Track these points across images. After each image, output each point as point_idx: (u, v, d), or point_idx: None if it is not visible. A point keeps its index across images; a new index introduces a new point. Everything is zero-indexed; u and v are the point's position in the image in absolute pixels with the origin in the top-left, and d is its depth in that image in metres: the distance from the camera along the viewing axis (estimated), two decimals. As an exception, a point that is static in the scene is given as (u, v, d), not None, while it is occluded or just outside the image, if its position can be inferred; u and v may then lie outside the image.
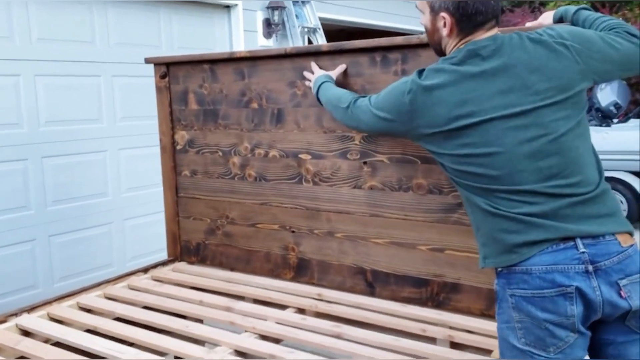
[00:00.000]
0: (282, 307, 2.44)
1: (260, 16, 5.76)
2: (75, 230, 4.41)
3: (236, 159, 2.78)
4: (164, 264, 2.95)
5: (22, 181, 4.06)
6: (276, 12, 5.72)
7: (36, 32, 4.08)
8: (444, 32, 1.69)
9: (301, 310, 2.41)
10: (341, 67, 2.37)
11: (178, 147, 2.94)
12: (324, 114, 2.49)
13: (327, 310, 2.36)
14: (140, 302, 2.49)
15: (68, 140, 4.30)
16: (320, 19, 6.28)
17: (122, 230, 4.77)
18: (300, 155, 2.59)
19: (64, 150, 4.28)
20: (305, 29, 6.02)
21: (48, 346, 2.06)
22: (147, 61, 2.92)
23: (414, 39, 2.20)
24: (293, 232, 2.67)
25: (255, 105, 2.68)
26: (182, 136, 2.93)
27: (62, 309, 2.39)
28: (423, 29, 1.82)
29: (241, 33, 5.56)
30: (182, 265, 2.96)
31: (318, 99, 2.27)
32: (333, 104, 2.12)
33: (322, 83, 2.25)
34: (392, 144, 2.35)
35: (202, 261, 2.97)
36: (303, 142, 2.57)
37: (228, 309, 2.40)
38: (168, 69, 2.91)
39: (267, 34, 5.81)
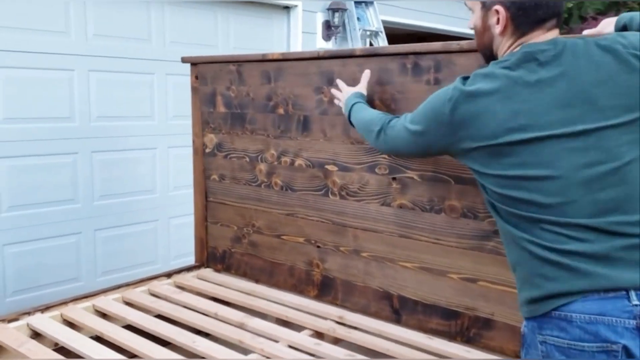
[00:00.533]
0: (299, 328, 2.28)
1: (320, 18, 5.64)
2: (121, 225, 4.44)
3: (263, 166, 2.64)
4: (189, 269, 2.87)
5: (71, 175, 4.11)
6: (337, 14, 5.57)
7: (92, 28, 4.13)
8: (497, 29, 1.46)
9: (318, 334, 2.23)
10: (366, 75, 2.15)
11: (207, 151, 2.85)
12: None
13: (346, 337, 2.18)
14: (155, 310, 2.40)
15: (118, 136, 4.33)
16: (385, 22, 6.07)
17: (167, 229, 4.76)
18: (326, 166, 2.42)
19: (114, 146, 4.31)
20: (367, 32, 5.83)
21: (49, 351, 2.00)
22: (184, 60, 2.84)
23: (453, 45, 1.98)
24: (318, 247, 2.50)
25: (281, 110, 2.54)
26: (210, 139, 2.82)
27: (76, 311, 2.34)
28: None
29: (299, 35, 5.45)
30: (206, 272, 2.86)
31: (350, 123, 2.03)
32: (365, 129, 1.89)
33: (353, 105, 2.02)
34: (423, 160, 2.14)
35: (227, 269, 2.86)
36: (329, 152, 2.40)
37: (241, 325, 2.27)
38: (199, 69, 2.82)
39: (327, 37, 5.67)
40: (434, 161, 2.10)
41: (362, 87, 2.12)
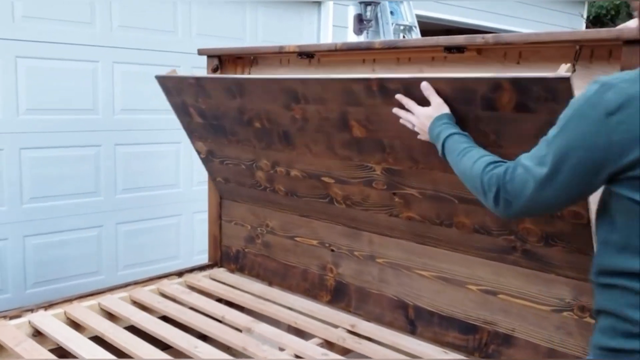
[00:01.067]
0: (309, 336, 2.16)
1: (352, 11, 5.49)
2: (144, 219, 4.40)
3: (261, 174, 2.48)
4: (201, 268, 2.78)
5: (93, 167, 4.09)
6: (369, 8, 5.42)
7: (117, 19, 4.08)
8: None
9: (328, 343, 2.11)
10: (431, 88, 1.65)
11: (202, 156, 2.72)
12: (334, 141, 2.05)
13: (356, 348, 2.06)
14: (161, 311, 2.32)
15: (142, 130, 4.28)
16: (419, 16, 5.88)
17: (191, 223, 4.70)
18: (322, 178, 2.24)
19: (137, 139, 4.27)
20: (400, 27, 5.66)
21: (45, 352, 1.94)
22: (200, 52, 2.75)
23: (477, 39, 1.82)
24: (332, 250, 2.38)
25: (258, 124, 2.28)
26: (201, 147, 2.69)
27: (80, 309, 2.28)
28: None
29: (330, 28, 5.32)
30: (219, 272, 2.77)
31: (444, 157, 1.56)
32: (473, 187, 1.39)
33: (446, 138, 1.54)
34: (419, 179, 1.91)
35: (240, 270, 2.77)
36: (321, 166, 2.20)
37: (248, 330, 2.17)
38: (221, 62, 2.71)
39: (358, 30, 5.52)
40: (431, 180, 1.88)
41: (441, 105, 1.62)
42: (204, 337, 2.18)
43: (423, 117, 1.64)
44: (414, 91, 1.67)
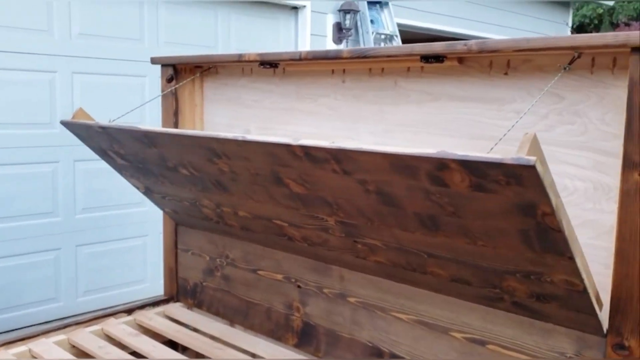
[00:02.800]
0: (269, 387, 1.88)
1: (330, 19, 5.24)
2: (107, 241, 4.10)
3: (208, 211, 2.17)
4: (155, 304, 2.48)
5: (50, 185, 3.79)
6: (348, 16, 5.17)
7: (77, 27, 3.79)
8: None
9: (290, 397, 1.83)
10: None
11: (141, 191, 2.39)
12: (274, 193, 1.74)
13: (323, 403, 1.77)
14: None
15: (105, 144, 3.99)
16: (401, 25, 5.64)
17: (158, 244, 4.36)
18: (274, 221, 1.93)
19: (99, 155, 3.96)
20: (381, 36, 5.42)
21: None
22: (153, 61, 2.46)
23: (458, 46, 1.55)
24: (299, 286, 2.09)
25: (185, 172, 1.96)
26: (135, 183, 2.32)
27: (7, 357, 1.96)
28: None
29: (308, 37, 5.07)
30: (175, 308, 2.46)
31: None
32: None
33: None
34: (377, 234, 1.62)
35: (198, 306, 2.47)
36: (268, 211, 1.89)
37: (199, 383, 1.87)
38: (176, 71, 2.43)
39: (338, 39, 5.28)
40: (392, 235, 1.58)
41: None
42: (147, 392, 1.88)
43: None
44: (345, 162, 1.36)
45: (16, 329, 3.57)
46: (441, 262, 1.54)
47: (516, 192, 1.12)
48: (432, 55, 1.64)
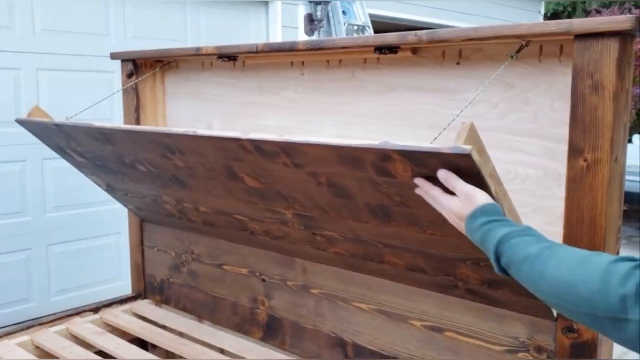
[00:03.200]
0: (234, 381, 1.88)
1: (302, 11, 5.22)
2: (79, 239, 4.06)
3: (169, 207, 2.16)
4: (122, 301, 2.46)
5: (18, 184, 3.73)
6: (319, 7, 5.15)
7: (40, 22, 3.73)
8: None
9: (255, 390, 1.83)
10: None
11: (103, 188, 2.39)
12: (232, 188, 1.75)
13: (287, 395, 1.78)
14: None
15: (74, 142, 3.94)
16: (373, 15, 5.64)
17: (132, 241, 4.33)
18: (235, 216, 1.94)
19: (68, 153, 3.92)
20: (353, 27, 5.41)
21: None
22: (113, 57, 2.44)
23: (410, 37, 1.56)
24: (264, 280, 2.09)
25: (142, 168, 1.96)
26: (96, 180, 2.32)
27: (-32, 361, 1.95)
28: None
29: (279, 29, 5.04)
30: (142, 305, 2.45)
31: (504, 273, 1.09)
32: (582, 295, 0.88)
33: (499, 242, 1.05)
34: (334, 225, 1.63)
35: (166, 302, 2.46)
36: (227, 205, 1.89)
37: (163, 380, 1.87)
38: (136, 66, 2.40)
39: (309, 31, 5.25)
40: (348, 227, 1.60)
41: (471, 195, 1.12)
42: (110, 391, 1.88)
43: (453, 215, 1.16)
44: (294, 155, 1.36)
45: (-13, 331, 3.52)
46: (396, 251, 1.56)
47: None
48: (386, 46, 1.64)
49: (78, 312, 2.33)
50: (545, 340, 1.47)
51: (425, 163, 1.12)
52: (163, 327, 2.27)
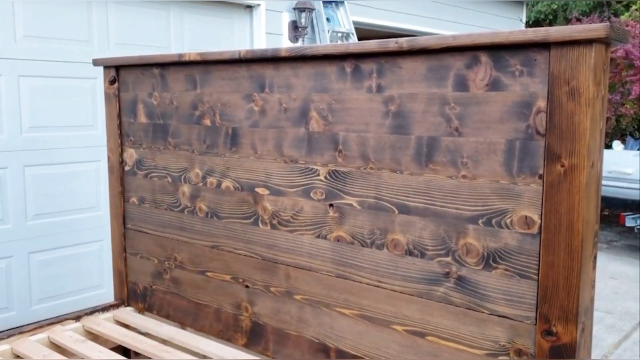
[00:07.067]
0: (216, 388, 1.88)
1: (286, 18, 5.24)
2: (60, 247, 4.02)
3: (186, 188, 2.23)
4: (104, 309, 2.45)
5: (-1, 192, 3.70)
6: (304, 14, 5.17)
7: (22, 29, 3.71)
8: None
9: (238, 397, 1.83)
10: None
11: (127, 168, 2.44)
12: (285, 138, 1.90)
13: (269, 402, 1.78)
14: (45, 367, 1.99)
15: (55, 148, 3.91)
16: (357, 23, 5.68)
17: (114, 249, 4.29)
18: (257, 189, 2.02)
19: (50, 159, 3.89)
20: (337, 34, 5.44)
21: None
22: (96, 63, 2.43)
23: (391, 44, 1.58)
24: (247, 286, 2.09)
25: (207, 121, 2.13)
26: (130, 155, 2.41)
27: (-54, 371, 1.92)
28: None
29: (263, 35, 5.06)
30: (125, 312, 2.44)
31: None
32: None
33: None
34: (363, 183, 1.74)
35: (149, 309, 2.45)
36: (260, 172, 2.00)
37: (146, 387, 1.86)
38: (118, 73, 2.40)
39: (294, 38, 5.28)
40: (376, 184, 1.71)
41: None
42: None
43: None
44: (386, 74, 1.66)
45: (-34, 341, 3.47)
46: (409, 219, 1.66)
47: (525, 84, 1.42)
48: (367, 53, 1.66)
49: (59, 320, 2.30)
50: (525, 344, 1.49)
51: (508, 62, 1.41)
52: (146, 334, 2.26)
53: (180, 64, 2.16)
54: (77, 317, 2.35)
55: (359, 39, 5.51)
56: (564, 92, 1.39)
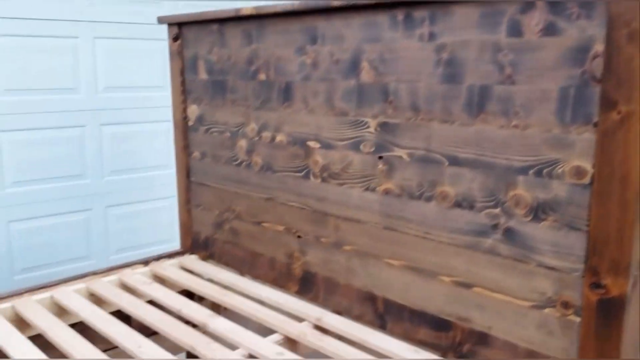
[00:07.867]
0: (269, 331, 1.96)
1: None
2: (135, 202, 4.26)
3: (243, 142, 2.31)
4: (170, 256, 2.60)
5: (78, 149, 3.94)
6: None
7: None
8: None
9: (289, 340, 1.91)
10: None
11: (190, 124, 2.54)
12: (336, 91, 1.92)
13: (318, 346, 1.84)
14: (115, 305, 2.15)
15: (130, 108, 4.11)
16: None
17: (185, 205, 4.49)
18: (308, 143, 2.05)
19: (125, 119, 4.10)
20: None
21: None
22: (161, 20, 2.52)
23: None
24: (299, 237, 2.16)
25: (262, 76, 2.17)
26: (193, 111, 2.51)
27: (29, 303, 2.11)
28: None
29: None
30: (190, 259, 2.57)
31: None
32: None
33: None
34: (413, 135, 1.74)
35: (210, 257, 2.57)
36: (312, 125, 2.03)
37: (203, 326, 1.98)
38: (180, 31, 2.48)
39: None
40: (426, 136, 1.71)
41: None
42: (153, 335, 2.00)
43: None
44: (439, 20, 1.64)
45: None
46: (459, 171, 1.65)
47: (581, 28, 1.37)
48: (420, 2, 1.64)
49: (129, 265, 2.47)
50: (572, 296, 1.46)
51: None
52: (209, 280, 2.38)
53: (236, 19, 2.21)
54: (146, 262, 2.50)
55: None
56: (623, 35, 1.32)
